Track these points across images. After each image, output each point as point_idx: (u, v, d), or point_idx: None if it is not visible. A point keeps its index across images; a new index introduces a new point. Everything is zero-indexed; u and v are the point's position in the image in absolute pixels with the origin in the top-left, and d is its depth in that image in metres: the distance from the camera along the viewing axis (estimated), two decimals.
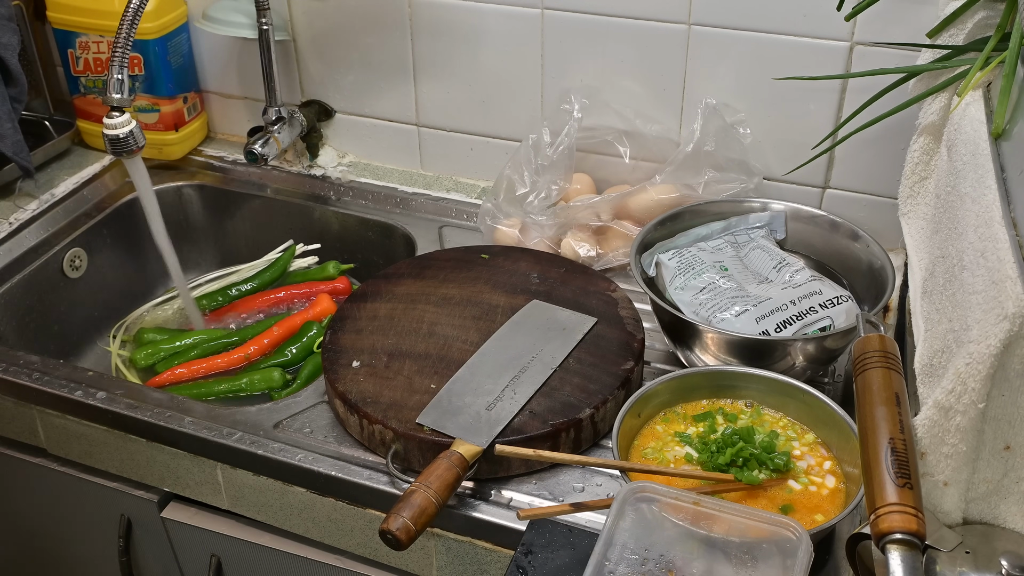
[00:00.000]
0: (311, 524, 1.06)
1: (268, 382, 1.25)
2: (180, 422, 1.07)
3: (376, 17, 1.40)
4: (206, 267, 1.54)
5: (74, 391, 1.12)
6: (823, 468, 0.91)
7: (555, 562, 0.86)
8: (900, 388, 0.72)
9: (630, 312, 1.12)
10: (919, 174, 0.98)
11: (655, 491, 0.80)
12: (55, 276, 1.38)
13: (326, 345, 1.09)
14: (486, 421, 0.97)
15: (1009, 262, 0.63)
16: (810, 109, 1.25)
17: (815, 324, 1.03)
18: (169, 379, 1.30)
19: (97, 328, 1.43)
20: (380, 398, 1.01)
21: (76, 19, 1.45)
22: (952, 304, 0.72)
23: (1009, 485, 0.69)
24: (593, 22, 1.29)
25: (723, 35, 1.24)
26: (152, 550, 1.22)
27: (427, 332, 1.10)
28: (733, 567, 0.76)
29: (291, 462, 1.02)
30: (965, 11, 0.99)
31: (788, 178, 1.29)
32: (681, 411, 0.98)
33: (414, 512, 0.87)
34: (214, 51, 1.53)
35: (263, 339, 1.33)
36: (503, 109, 1.40)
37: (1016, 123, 0.77)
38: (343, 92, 1.49)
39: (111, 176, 1.52)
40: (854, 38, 1.18)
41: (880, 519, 0.63)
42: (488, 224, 1.30)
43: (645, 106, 1.32)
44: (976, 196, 0.73)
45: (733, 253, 1.15)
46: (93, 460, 1.17)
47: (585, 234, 1.27)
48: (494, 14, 1.33)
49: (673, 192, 1.26)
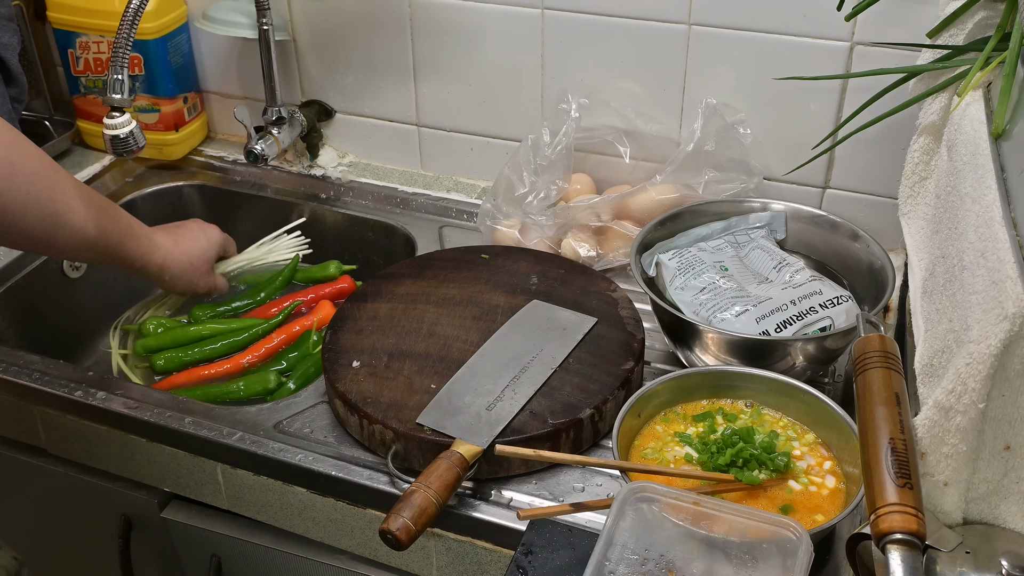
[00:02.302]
0: (311, 524, 1.06)
1: (263, 383, 1.24)
2: (180, 422, 1.07)
3: (376, 17, 1.40)
4: None
5: (74, 391, 1.12)
6: (823, 468, 0.91)
7: (555, 562, 0.86)
8: (900, 388, 0.72)
9: (630, 312, 1.12)
10: (919, 174, 0.98)
11: (655, 491, 0.80)
12: (55, 276, 1.38)
13: (326, 345, 1.09)
14: (486, 421, 0.97)
15: (1009, 262, 0.63)
16: (810, 109, 1.25)
17: (815, 324, 1.03)
18: (166, 385, 1.29)
19: (97, 328, 1.43)
20: (380, 398, 1.01)
21: (76, 19, 1.45)
22: (952, 304, 0.72)
23: (1009, 485, 0.69)
24: (593, 22, 1.29)
25: (723, 35, 1.24)
26: (152, 550, 1.22)
27: (427, 332, 1.10)
28: (733, 567, 0.76)
29: (291, 462, 1.02)
30: (965, 11, 0.99)
31: (788, 178, 1.29)
32: (681, 411, 0.98)
33: (414, 512, 0.87)
34: (214, 51, 1.53)
35: (262, 346, 1.31)
36: (503, 109, 1.40)
37: (1016, 123, 0.77)
38: (343, 92, 1.49)
39: (111, 176, 1.52)
40: (854, 38, 1.18)
41: (880, 519, 0.63)
42: (488, 224, 1.30)
43: (645, 106, 1.32)
44: (976, 196, 0.73)
45: (733, 253, 1.15)
46: (93, 460, 1.17)
47: (585, 234, 1.27)
48: (494, 14, 1.33)
49: (673, 192, 1.26)
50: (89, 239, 1.10)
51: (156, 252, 1.22)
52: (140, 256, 1.19)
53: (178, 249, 1.26)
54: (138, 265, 1.20)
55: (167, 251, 1.24)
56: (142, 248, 1.19)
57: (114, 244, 1.14)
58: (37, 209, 1.02)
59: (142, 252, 1.19)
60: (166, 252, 1.23)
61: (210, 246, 1.32)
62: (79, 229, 1.08)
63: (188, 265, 1.27)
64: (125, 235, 1.16)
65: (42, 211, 1.03)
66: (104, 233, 1.12)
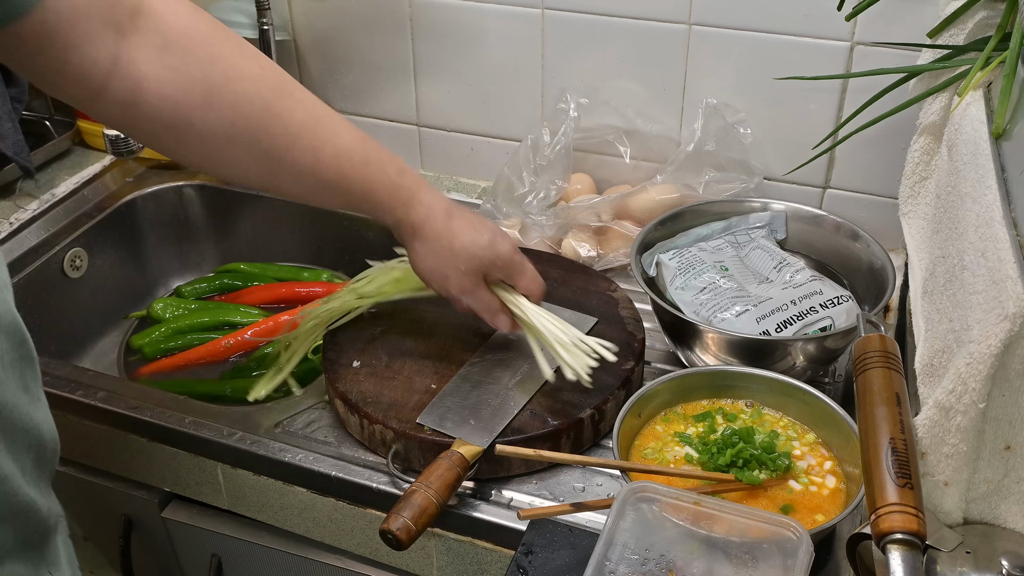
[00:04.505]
0: (311, 524, 1.06)
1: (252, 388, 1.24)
2: (180, 422, 1.07)
3: (376, 17, 1.40)
4: (206, 267, 1.54)
5: (74, 391, 1.12)
6: (823, 468, 0.91)
7: (555, 562, 0.86)
8: (901, 388, 0.72)
9: (630, 312, 1.12)
10: (919, 174, 0.98)
11: (656, 491, 0.80)
12: (55, 276, 1.38)
13: (326, 345, 1.09)
14: (486, 421, 0.97)
15: (1010, 262, 0.63)
16: (811, 109, 1.25)
17: (815, 324, 1.03)
18: (153, 369, 1.32)
19: (97, 328, 1.43)
20: (380, 398, 1.01)
21: None
22: (953, 304, 0.72)
23: (1010, 485, 0.69)
24: (594, 22, 1.29)
25: (724, 35, 1.24)
26: (152, 550, 1.22)
27: (427, 332, 1.10)
28: (734, 567, 0.76)
29: (291, 462, 1.02)
30: (965, 11, 0.99)
31: (788, 178, 1.29)
32: (681, 411, 0.98)
33: (415, 512, 0.87)
34: None
35: (246, 331, 1.34)
36: (503, 109, 1.40)
37: (1016, 123, 0.77)
38: (343, 92, 1.49)
39: (111, 176, 1.52)
40: (854, 38, 1.18)
41: (881, 519, 0.63)
42: None
43: (646, 106, 1.32)
44: (976, 196, 0.73)
45: (733, 253, 1.15)
46: (93, 460, 1.17)
47: (585, 234, 1.27)
48: (494, 14, 1.33)
49: (673, 192, 1.26)
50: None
51: (418, 208, 0.97)
52: (393, 206, 0.96)
53: (453, 221, 0.97)
54: (390, 219, 0.98)
55: (436, 212, 0.97)
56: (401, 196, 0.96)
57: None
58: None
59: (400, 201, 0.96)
60: (433, 212, 0.97)
61: (494, 244, 0.98)
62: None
63: (449, 252, 0.97)
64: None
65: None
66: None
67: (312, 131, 0.90)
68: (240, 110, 0.85)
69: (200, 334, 1.36)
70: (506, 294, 1.01)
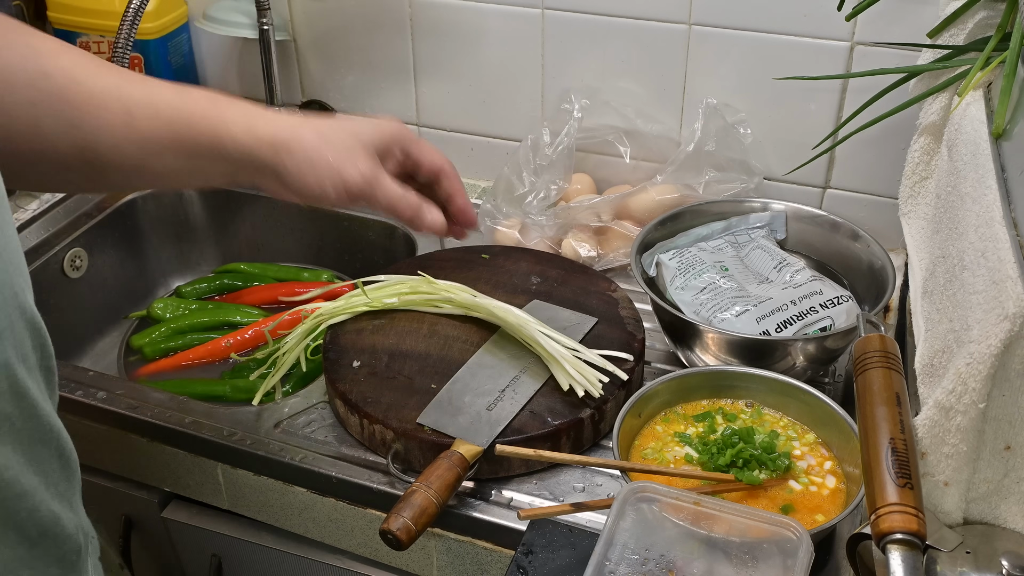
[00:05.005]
0: (311, 524, 1.06)
1: (252, 388, 1.24)
2: (180, 422, 1.07)
3: (376, 17, 1.40)
4: (206, 267, 1.54)
5: (74, 391, 1.12)
6: (823, 468, 0.91)
7: (555, 562, 0.86)
8: (901, 388, 0.72)
9: (630, 312, 1.12)
10: (919, 174, 0.98)
11: (656, 491, 0.80)
12: (55, 276, 1.38)
13: (326, 345, 1.09)
14: (486, 421, 0.97)
15: (1010, 262, 0.63)
16: (810, 109, 1.25)
17: (815, 324, 1.03)
18: (153, 369, 1.32)
19: (97, 328, 1.43)
20: (380, 398, 1.01)
21: (77, 19, 1.45)
22: (953, 304, 0.72)
23: (1010, 485, 0.69)
24: (594, 22, 1.29)
25: (723, 35, 1.24)
26: (152, 550, 1.22)
27: (427, 332, 1.10)
28: (734, 567, 0.76)
29: (291, 462, 1.02)
30: (965, 11, 0.99)
31: (788, 178, 1.29)
32: (681, 411, 0.98)
33: (415, 512, 0.87)
34: (214, 51, 1.53)
35: (246, 331, 1.34)
36: (503, 109, 1.40)
37: (1017, 123, 0.77)
38: (343, 92, 1.49)
39: None
40: (854, 38, 1.18)
41: (881, 519, 0.63)
42: (488, 224, 1.30)
43: (646, 106, 1.33)
44: (977, 196, 0.73)
45: (733, 253, 1.15)
46: (93, 460, 1.17)
47: (585, 234, 1.27)
48: (494, 14, 1.33)
49: (673, 192, 1.26)
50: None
51: (257, 120, 0.81)
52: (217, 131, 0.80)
53: (309, 124, 0.84)
54: (228, 146, 0.80)
55: (290, 120, 0.83)
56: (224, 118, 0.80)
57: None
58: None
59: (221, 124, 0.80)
60: (288, 121, 0.83)
61: (368, 126, 0.87)
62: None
63: (322, 141, 0.82)
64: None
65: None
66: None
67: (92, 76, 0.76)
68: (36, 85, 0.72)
69: (200, 334, 1.36)
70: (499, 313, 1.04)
